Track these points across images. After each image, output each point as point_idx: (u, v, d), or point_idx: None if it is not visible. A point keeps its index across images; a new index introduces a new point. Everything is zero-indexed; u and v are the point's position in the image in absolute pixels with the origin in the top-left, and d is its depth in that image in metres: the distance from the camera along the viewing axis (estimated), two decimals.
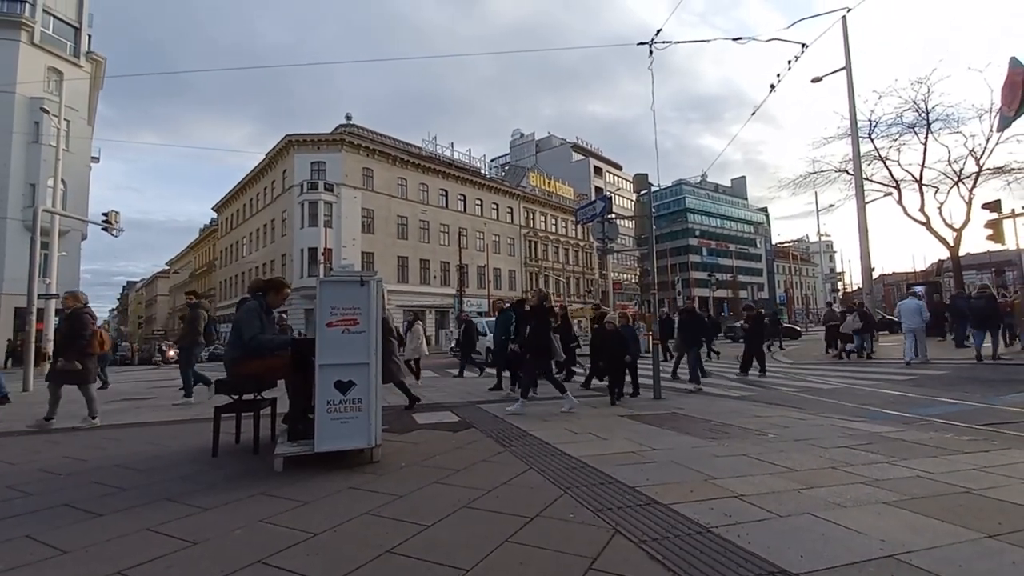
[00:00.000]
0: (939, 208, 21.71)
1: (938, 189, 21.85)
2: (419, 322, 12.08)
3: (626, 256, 63.36)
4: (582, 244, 56.44)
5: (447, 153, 45.97)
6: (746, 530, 2.52)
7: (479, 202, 46.38)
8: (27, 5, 25.63)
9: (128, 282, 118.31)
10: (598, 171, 67.87)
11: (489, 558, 2.31)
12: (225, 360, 4.63)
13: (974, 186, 20.78)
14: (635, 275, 64.80)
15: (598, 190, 61.51)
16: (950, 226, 21.39)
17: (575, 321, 15.65)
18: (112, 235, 15.87)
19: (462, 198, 44.83)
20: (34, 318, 12.43)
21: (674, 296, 51.83)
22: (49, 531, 2.77)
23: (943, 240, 21.32)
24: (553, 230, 54.23)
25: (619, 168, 72.38)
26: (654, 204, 8.76)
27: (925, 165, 21.57)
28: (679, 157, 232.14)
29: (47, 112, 18.44)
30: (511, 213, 49.48)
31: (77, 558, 2.43)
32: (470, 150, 51.33)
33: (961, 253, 21.83)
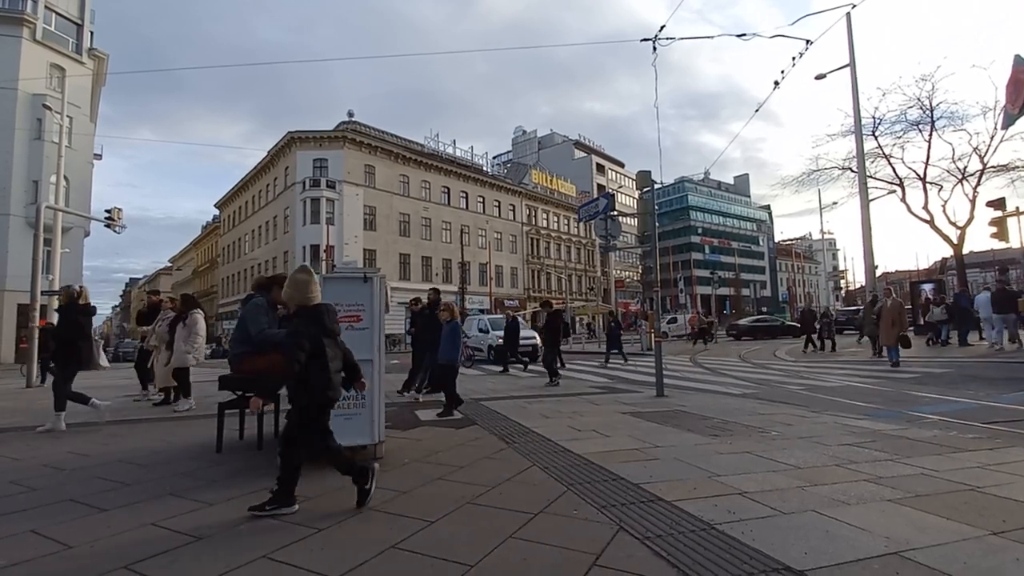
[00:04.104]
0: (943, 206, 21.62)
1: (942, 187, 21.76)
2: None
3: (628, 254, 63.32)
4: (584, 241, 56.40)
5: (449, 150, 45.94)
6: (750, 527, 2.52)
7: (481, 199, 46.36)
8: (29, 1, 25.62)
9: (131, 279, 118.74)
10: (600, 168, 67.76)
11: (493, 554, 2.31)
12: (229, 356, 4.63)
13: (978, 184, 20.69)
14: (637, 273, 64.73)
15: (600, 187, 61.45)
16: (954, 224, 21.31)
17: (579, 319, 15.93)
18: (115, 232, 15.91)
19: (464, 195, 44.83)
20: (37, 315, 12.47)
21: (676, 293, 51.81)
22: (54, 526, 2.78)
23: (947, 238, 21.25)
24: (555, 227, 54.19)
25: (621, 165, 72.24)
26: (656, 201, 8.74)
27: (929, 163, 21.49)
28: (677, 154, 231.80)
29: (49, 109, 18.47)
30: (513, 210, 49.45)
31: (82, 553, 2.44)
32: (472, 147, 51.25)
33: (965, 251, 21.74)
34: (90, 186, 28.05)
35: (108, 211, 15.86)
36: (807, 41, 12.59)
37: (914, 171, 21.91)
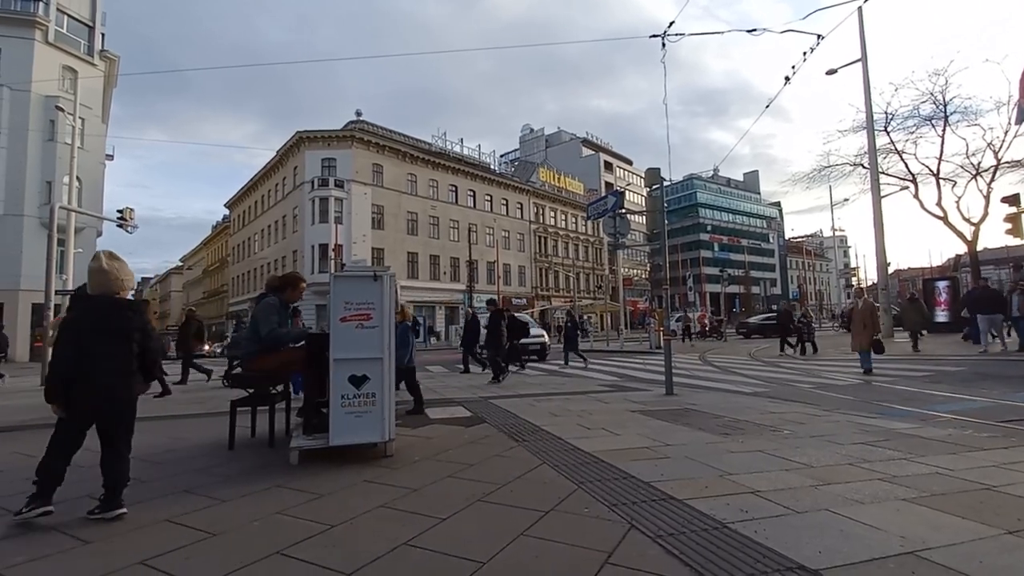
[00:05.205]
0: (956, 202, 21.32)
1: (955, 183, 21.46)
2: None
3: (637, 251, 63.08)
4: (592, 240, 56.26)
5: (457, 149, 45.96)
6: (763, 526, 2.51)
7: (489, 198, 46.35)
8: (41, 4, 25.91)
9: (143, 278, 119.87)
10: (608, 166, 67.53)
11: (504, 551, 2.32)
12: (241, 355, 4.68)
13: (992, 180, 20.39)
14: (646, 271, 64.46)
15: (608, 185, 61.27)
16: (968, 220, 21.01)
17: (587, 317, 15.78)
18: (127, 232, 16.05)
19: (472, 194, 44.84)
20: (52, 314, 12.63)
21: (685, 291, 51.49)
22: (72, 522, 2.83)
23: (960, 234, 20.98)
24: (563, 226, 54.10)
25: (629, 163, 71.93)
26: (665, 199, 8.70)
27: (942, 158, 21.20)
28: (685, 151, 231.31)
29: (62, 110, 18.72)
30: (521, 209, 49.42)
31: (100, 549, 2.48)
32: (479, 146, 51.30)
33: (979, 248, 21.45)
34: (102, 187, 28.38)
35: (120, 211, 16.02)
36: (818, 36, 12.46)
37: (927, 167, 21.65)
